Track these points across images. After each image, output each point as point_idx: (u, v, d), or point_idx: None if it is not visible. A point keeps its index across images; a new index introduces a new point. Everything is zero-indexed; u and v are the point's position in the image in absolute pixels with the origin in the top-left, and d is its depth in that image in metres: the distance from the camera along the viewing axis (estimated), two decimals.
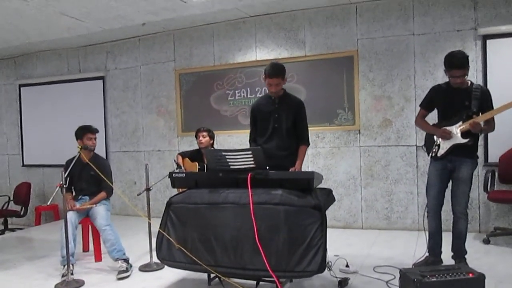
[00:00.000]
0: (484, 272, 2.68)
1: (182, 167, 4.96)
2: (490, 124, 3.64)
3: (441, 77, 4.36)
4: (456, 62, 3.49)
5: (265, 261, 3.00)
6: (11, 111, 7.84)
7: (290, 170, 3.66)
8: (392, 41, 5.27)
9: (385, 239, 4.93)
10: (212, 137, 5.03)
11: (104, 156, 6.49)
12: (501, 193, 4.69)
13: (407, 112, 5.22)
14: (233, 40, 6.08)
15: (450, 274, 2.67)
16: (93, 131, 4.43)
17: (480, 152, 4.08)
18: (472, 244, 4.26)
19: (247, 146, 4.05)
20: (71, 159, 4.29)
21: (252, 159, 3.28)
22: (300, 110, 3.88)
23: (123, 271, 3.92)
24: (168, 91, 6.55)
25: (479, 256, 4.02)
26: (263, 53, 5.91)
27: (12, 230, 6.69)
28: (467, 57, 3.50)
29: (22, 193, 6.84)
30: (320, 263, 2.95)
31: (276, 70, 3.72)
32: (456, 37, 4.99)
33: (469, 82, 3.63)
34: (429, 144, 3.83)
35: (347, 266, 3.82)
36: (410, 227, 5.23)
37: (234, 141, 6.05)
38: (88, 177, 4.41)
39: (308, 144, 3.95)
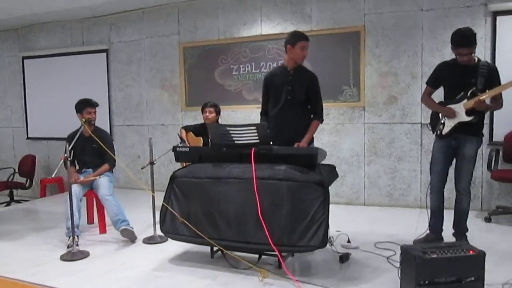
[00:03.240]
0: (484, 250, 2.69)
1: (186, 141, 4.96)
2: (497, 102, 3.61)
3: (449, 54, 4.28)
4: (464, 40, 3.43)
5: (268, 235, 3.03)
6: (14, 84, 7.82)
7: (295, 145, 3.63)
8: (400, 17, 5.17)
9: (387, 216, 4.96)
10: (218, 112, 5.01)
11: (108, 129, 6.52)
12: (505, 172, 4.68)
13: (413, 89, 5.17)
14: (238, 14, 5.98)
15: (451, 251, 2.68)
16: (93, 104, 4.42)
17: (485, 130, 4.04)
18: (474, 222, 4.27)
19: (252, 121, 4.03)
20: (74, 133, 4.31)
21: (256, 134, 3.28)
22: (314, 84, 3.78)
23: (127, 226, 4.08)
24: (172, 65, 6.50)
25: (480, 234, 4.04)
26: (269, 27, 5.82)
27: (18, 201, 6.77)
28: (474, 34, 3.44)
29: (27, 166, 6.89)
30: (322, 238, 2.98)
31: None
32: (465, 13, 4.89)
33: (476, 59, 3.57)
34: (434, 122, 3.81)
35: (348, 241, 3.86)
36: (412, 204, 5.25)
37: (238, 116, 6.03)
38: (91, 150, 4.44)
39: (321, 119, 3.84)
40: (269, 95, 3.87)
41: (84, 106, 4.37)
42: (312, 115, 3.83)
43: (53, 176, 3.88)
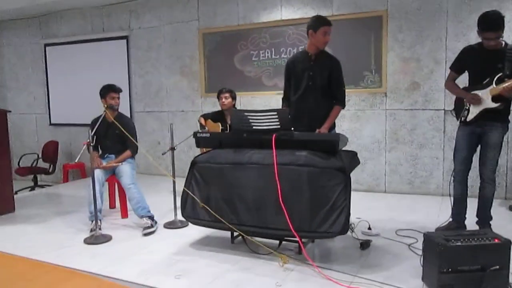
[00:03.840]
0: (508, 238, 2.64)
1: (206, 128, 4.98)
2: None
3: (474, 39, 4.16)
4: (491, 23, 3.31)
5: (288, 221, 3.03)
6: (37, 71, 7.94)
7: (316, 131, 3.58)
8: (424, 0, 5.04)
9: (408, 203, 4.91)
10: (234, 97, 5.01)
11: (128, 115, 6.56)
12: None
13: (436, 75, 5.06)
14: None
15: (475, 239, 2.63)
16: (116, 90, 4.46)
17: (511, 117, 3.95)
18: (498, 211, 4.19)
19: (271, 107, 4.01)
20: (97, 118, 4.36)
21: (277, 119, 3.26)
22: (336, 69, 3.70)
23: (148, 227, 4.02)
24: (192, 51, 6.49)
25: (504, 223, 3.96)
26: (289, 12, 5.75)
27: (41, 186, 6.93)
28: (503, 17, 3.31)
29: (50, 151, 7.03)
30: (343, 225, 2.96)
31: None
32: None
33: (503, 43, 3.44)
34: (458, 109, 3.71)
35: (369, 228, 3.83)
36: (434, 192, 5.18)
37: (258, 102, 6.01)
38: (114, 136, 4.48)
39: (342, 105, 3.76)
40: (291, 80, 3.81)
41: (108, 91, 4.40)
42: (334, 101, 3.75)
43: (76, 161, 3.94)
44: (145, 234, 3.99)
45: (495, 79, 3.42)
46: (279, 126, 3.28)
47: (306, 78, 3.68)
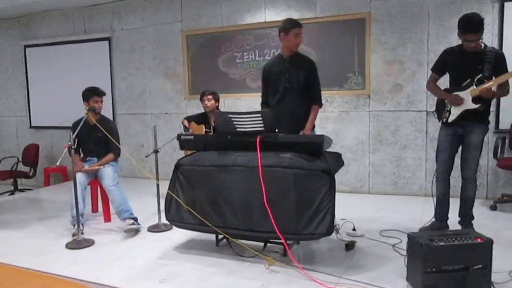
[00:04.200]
0: (490, 237, 2.68)
1: (190, 130, 4.95)
2: (503, 88, 3.54)
3: (455, 41, 4.22)
4: (471, 25, 3.36)
5: (274, 223, 3.02)
6: (17, 72, 7.79)
7: (300, 133, 3.62)
8: (406, 3, 5.10)
9: (392, 204, 4.95)
10: (217, 99, 4.99)
11: (111, 118, 6.48)
12: (511, 160, 4.64)
13: (418, 76, 5.12)
14: (241, 1, 5.92)
15: (458, 239, 2.66)
16: (100, 93, 4.40)
17: (491, 118, 4.01)
18: (479, 210, 4.25)
19: (256, 109, 4.02)
20: (78, 121, 4.29)
21: (261, 122, 3.26)
22: (312, 70, 3.79)
23: (131, 224, 4.01)
24: (175, 53, 6.45)
25: (486, 222, 4.03)
26: (273, 14, 5.76)
27: (22, 190, 6.79)
28: (482, 20, 3.37)
29: (30, 155, 6.90)
30: (328, 226, 2.97)
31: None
32: None
33: (483, 45, 3.51)
34: (440, 110, 3.77)
35: (354, 229, 3.85)
36: (417, 193, 5.24)
37: (242, 104, 6.00)
38: (96, 139, 4.42)
39: (320, 104, 3.86)
40: (269, 85, 3.90)
41: (91, 94, 4.34)
42: (311, 101, 3.83)
43: (57, 164, 3.86)
44: (127, 231, 3.96)
45: (475, 80, 3.47)
46: (263, 128, 3.27)
47: (283, 80, 3.77)
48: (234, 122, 3.36)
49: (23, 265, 3.30)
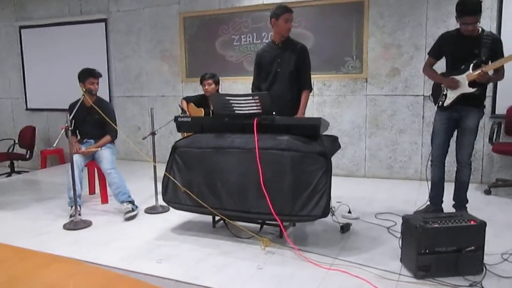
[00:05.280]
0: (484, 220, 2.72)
1: (187, 112, 4.93)
2: (499, 73, 3.54)
3: (453, 25, 4.21)
4: (469, 8, 3.35)
5: (270, 205, 3.05)
6: (12, 54, 7.71)
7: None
8: None
9: (387, 188, 4.99)
10: (217, 82, 4.96)
11: (108, 100, 6.46)
12: (506, 145, 4.68)
13: (416, 61, 5.11)
14: None
15: (452, 221, 2.70)
16: (96, 75, 4.37)
17: (487, 103, 4.03)
18: (474, 195, 4.29)
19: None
20: (75, 103, 4.27)
21: (259, 104, 3.26)
22: (303, 55, 3.84)
23: (129, 211, 4.01)
24: (172, 35, 6.40)
25: (480, 206, 4.07)
26: None
27: (18, 172, 6.79)
28: (480, 2, 3.36)
29: (27, 137, 6.88)
30: (324, 208, 3.00)
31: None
32: None
33: (480, 29, 3.50)
34: (436, 94, 3.77)
35: (349, 212, 3.89)
36: (412, 177, 5.28)
37: (239, 87, 5.98)
38: (93, 121, 4.40)
39: (310, 89, 3.92)
40: (261, 71, 3.95)
41: (87, 76, 4.31)
42: (301, 86, 3.87)
43: (54, 145, 3.87)
44: (127, 219, 3.97)
45: (471, 64, 3.47)
46: (260, 111, 3.28)
47: (275, 65, 3.83)
48: (232, 104, 3.36)
49: (21, 245, 3.32)
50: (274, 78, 3.85)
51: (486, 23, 4.62)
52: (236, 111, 3.36)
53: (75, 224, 3.78)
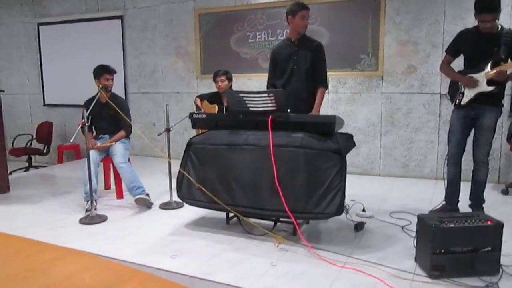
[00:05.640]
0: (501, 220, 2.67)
1: (202, 109, 4.96)
2: None
3: (471, 23, 4.15)
4: (487, 5, 3.30)
5: (284, 202, 3.04)
6: (30, 50, 7.83)
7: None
8: None
9: (402, 186, 4.94)
10: (230, 79, 4.97)
11: (123, 97, 6.51)
12: None
13: (433, 58, 5.04)
14: None
15: (469, 221, 2.66)
16: (111, 71, 4.42)
17: (506, 101, 3.96)
18: (490, 194, 4.23)
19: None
20: (91, 99, 4.34)
21: (274, 101, 3.25)
22: (318, 52, 3.84)
23: (142, 194, 4.11)
24: (187, 32, 6.43)
25: (497, 206, 4.01)
26: None
27: (36, 167, 6.90)
28: (499, 0, 3.31)
29: (44, 132, 6.99)
30: (338, 206, 2.98)
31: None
32: None
33: (499, 27, 3.44)
34: (453, 92, 3.72)
35: (363, 210, 3.87)
36: (428, 175, 5.22)
37: (254, 84, 5.98)
38: (108, 116, 4.46)
39: (325, 86, 3.91)
40: (276, 68, 3.95)
41: (102, 72, 4.37)
42: (317, 84, 3.86)
43: (71, 141, 3.91)
44: (138, 200, 4.07)
45: (490, 62, 3.42)
46: (275, 108, 3.27)
47: (291, 62, 3.82)
48: (246, 102, 3.36)
49: (38, 238, 3.38)
50: (290, 76, 3.84)
51: (506, 20, 4.54)
52: (251, 108, 3.36)
53: (91, 218, 3.83)
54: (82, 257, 1.79)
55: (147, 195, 4.18)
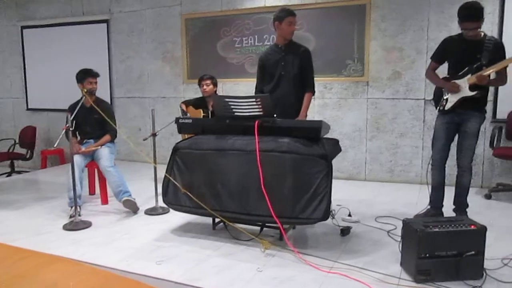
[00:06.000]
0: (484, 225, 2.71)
1: (188, 114, 4.95)
2: (501, 77, 3.56)
3: (455, 29, 4.23)
4: (471, 13, 3.37)
5: (270, 207, 3.04)
6: (14, 54, 7.72)
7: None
8: None
9: (388, 191, 4.98)
10: (215, 84, 4.98)
11: (108, 101, 6.47)
12: (507, 149, 4.67)
13: (417, 65, 5.11)
14: None
15: (453, 225, 2.69)
16: (94, 75, 4.39)
17: (488, 107, 4.02)
18: (474, 199, 4.29)
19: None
20: (75, 103, 4.30)
21: (260, 106, 3.26)
22: (306, 57, 3.87)
23: (129, 197, 4.10)
24: (174, 36, 6.41)
25: (480, 210, 4.07)
26: None
27: (19, 172, 6.79)
28: (482, 8, 3.37)
29: (27, 137, 6.88)
30: (324, 211, 2.99)
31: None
32: None
33: (482, 34, 3.51)
34: (437, 98, 3.78)
35: (349, 215, 3.88)
36: (413, 180, 5.27)
37: (241, 89, 5.98)
38: (92, 121, 4.42)
39: (313, 91, 3.93)
40: (264, 74, 3.96)
41: (85, 76, 4.33)
42: (305, 89, 3.88)
43: (55, 146, 3.87)
44: (125, 201, 4.04)
45: (473, 68, 3.48)
46: (261, 113, 3.28)
47: (279, 68, 3.84)
48: (232, 106, 3.36)
49: (21, 245, 3.32)
50: (278, 81, 3.86)
51: (488, 28, 4.63)
52: (237, 113, 3.36)
53: (75, 224, 3.78)
54: (66, 264, 1.77)
55: (134, 199, 4.14)
